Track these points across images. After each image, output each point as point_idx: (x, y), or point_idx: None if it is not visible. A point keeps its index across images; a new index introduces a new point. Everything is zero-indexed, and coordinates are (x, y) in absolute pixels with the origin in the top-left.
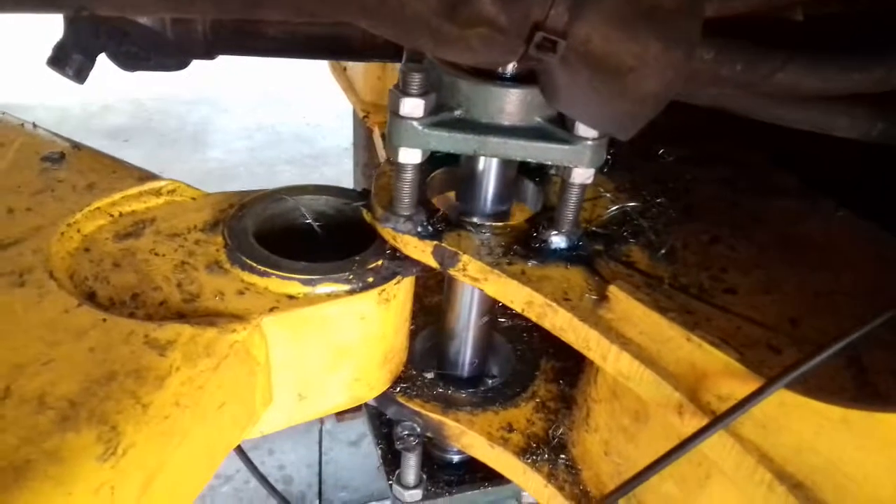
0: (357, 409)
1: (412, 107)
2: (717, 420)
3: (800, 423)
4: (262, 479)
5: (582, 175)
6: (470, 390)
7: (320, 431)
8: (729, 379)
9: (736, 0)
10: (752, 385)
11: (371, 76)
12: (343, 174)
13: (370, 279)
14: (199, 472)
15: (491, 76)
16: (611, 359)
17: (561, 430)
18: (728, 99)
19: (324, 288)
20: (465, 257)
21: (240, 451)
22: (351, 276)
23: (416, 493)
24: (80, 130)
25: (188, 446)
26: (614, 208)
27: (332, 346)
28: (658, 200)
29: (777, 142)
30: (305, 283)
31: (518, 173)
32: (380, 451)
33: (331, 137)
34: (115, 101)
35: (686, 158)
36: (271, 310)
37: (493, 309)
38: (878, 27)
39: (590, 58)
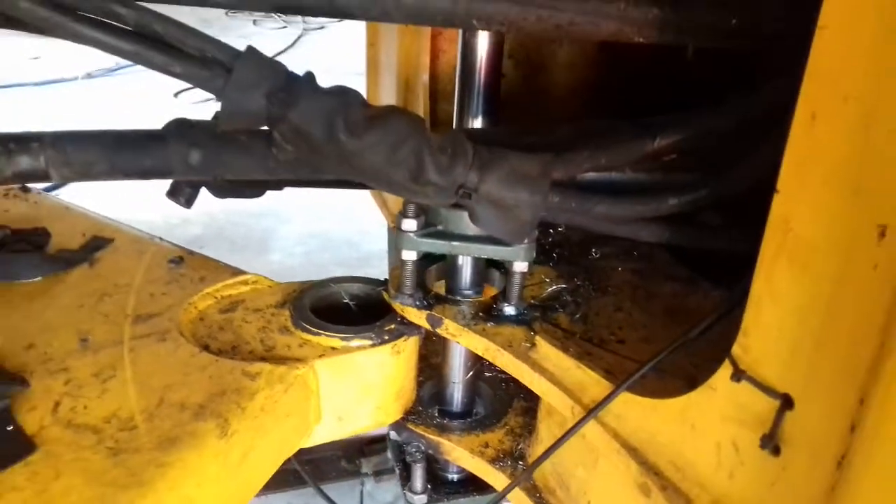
0: (394, 471)
1: (409, 224)
2: (589, 413)
3: (635, 411)
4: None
5: (520, 266)
6: (460, 421)
7: (361, 493)
8: (598, 388)
9: (574, 169)
10: (608, 391)
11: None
12: (384, 273)
13: (386, 337)
14: (274, 457)
15: (457, 205)
16: (535, 382)
17: (521, 446)
18: (579, 220)
19: (355, 342)
20: (446, 321)
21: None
22: (373, 335)
23: (423, 498)
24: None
25: (268, 438)
26: (551, 289)
27: (360, 383)
28: (584, 283)
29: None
30: (343, 339)
31: (487, 265)
32: (398, 470)
33: (375, 243)
34: (191, 214)
35: (610, 255)
36: (320, 356)
37: (478, 365)
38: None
39: (491, 201)
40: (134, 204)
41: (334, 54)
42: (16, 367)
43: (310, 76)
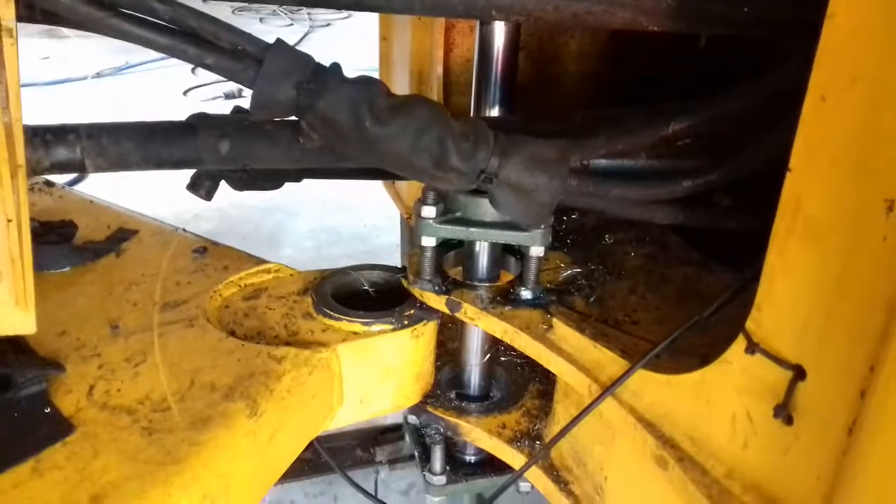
0: (408, 459)
1: (428, 211)
2: (608, 388)
3: (651, 387)
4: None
5: (536, 251)
6: (478, 403)
7: (376, 481)
8: (615, 366)
9: (591, 153)
10: (624, 369)
11: (413, 187)
12: None
13: (406, 322)
14: (300, 438)
15: (477, 191)
16: (553, 362)
17: (538, 427)
18: (595, 203)
19: (376, 327)
20: (465, 305)
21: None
22: (393, 320)
23: (442, 479)
24: None
25: (294, 418)
26: (566, 273)
27: (381, 366)
28: (598, 268)
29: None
30: (364, 324)
31: (504, 251)
32: (416, 453)
33: (384, 236)
34: (202, 210)
35: (623, 241)
36: (343, 340)
37: (494, 349)
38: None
39: (511, 185)
40: (146, 201)
41: (340, 51)
42: (50, 352)
43: (336, 67)
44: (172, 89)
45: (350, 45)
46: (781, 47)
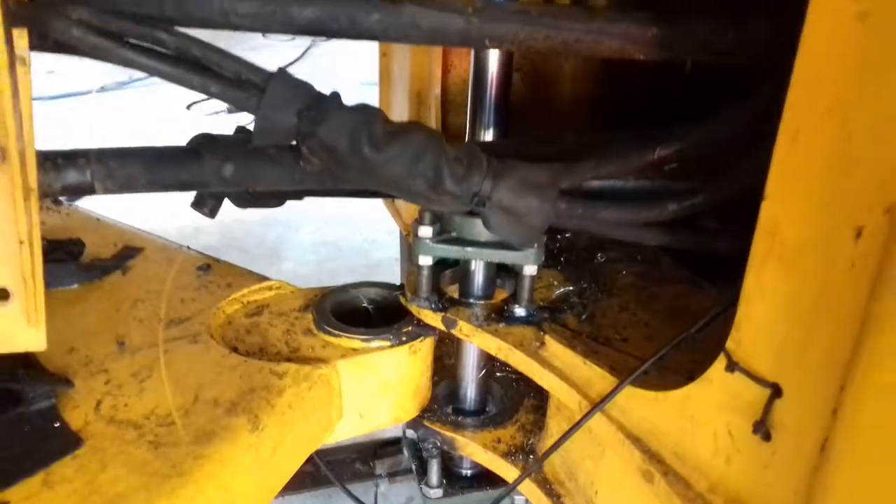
0: (407, 473)
1: (425, 231)
2: (596, 405)
3: (639, 404)
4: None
5: (530, 269)
6: (473, 418)
7: (375, 494)
8: (604, 383)
9: (580, 178)
10: (614, 386)
11: (412, 205)
12: (393, 280)
13: (403, 338)
14: (301, 451)
15: (472, 212)
16: (545, 378)
17: (532, 441)
18: (585, 225)
19: (375, 343)
20: (461, 322)
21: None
22: (391, 337)
23: (438, 492)
24: None
25: (295, 432)
26: (559, 292)
27: (379, 381)
28: (590, 286)
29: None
30: (363, 340)
31: (498, 269)
32: (414, 467)
33: (383, 250)
34: (204, 224)
35: (615, 259)
36: (342, 356)
37: (489, 365)
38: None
39: (503, 208)
40: (149, 214)
41: (342, 64)
42: (59, 368)
43: (335, 95)
44: (176, 103)
45: (352, 59)
46: (770, 71)
